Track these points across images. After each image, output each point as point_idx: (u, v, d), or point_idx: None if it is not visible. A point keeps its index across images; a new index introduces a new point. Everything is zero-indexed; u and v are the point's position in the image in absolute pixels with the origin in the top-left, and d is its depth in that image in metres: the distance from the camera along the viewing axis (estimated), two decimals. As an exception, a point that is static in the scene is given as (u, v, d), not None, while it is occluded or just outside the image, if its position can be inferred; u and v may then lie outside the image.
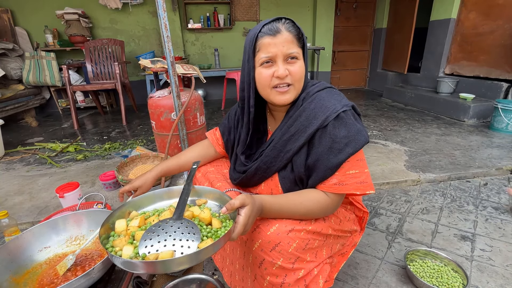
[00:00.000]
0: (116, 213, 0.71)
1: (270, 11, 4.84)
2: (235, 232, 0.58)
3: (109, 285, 0.80)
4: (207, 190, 0.80)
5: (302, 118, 0.72)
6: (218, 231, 0.64)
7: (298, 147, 0.73)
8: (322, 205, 0.71)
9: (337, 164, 0.68)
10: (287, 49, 0.69)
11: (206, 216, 0.67)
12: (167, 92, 1.79)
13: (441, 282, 1.01)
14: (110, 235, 0.66)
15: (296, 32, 0.70)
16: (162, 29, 1.44)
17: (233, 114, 0.95)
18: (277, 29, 0.68)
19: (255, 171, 0.81)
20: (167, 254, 0.56)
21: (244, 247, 0.76)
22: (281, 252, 0.66)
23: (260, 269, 0.69)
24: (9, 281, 0.76)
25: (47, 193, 1.77)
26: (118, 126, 3.38)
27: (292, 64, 0.70)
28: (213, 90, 5.08)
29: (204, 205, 0.77)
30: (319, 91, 0.75)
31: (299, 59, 0.71)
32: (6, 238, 1.15)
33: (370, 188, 0.71)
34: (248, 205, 0.60)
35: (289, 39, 0.69)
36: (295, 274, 0.69)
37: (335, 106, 0.70)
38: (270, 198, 0.68)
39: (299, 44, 0.71)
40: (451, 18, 3.48)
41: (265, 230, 0.67)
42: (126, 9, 4.31)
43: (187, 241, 0.59)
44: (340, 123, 0.68)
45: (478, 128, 2.79)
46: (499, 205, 1.54)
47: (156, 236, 0.60)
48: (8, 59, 3.70)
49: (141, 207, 0.79)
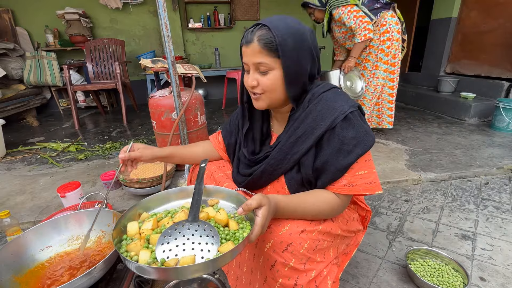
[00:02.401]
0: (127, 215, 0.70)
1: (271, 10, 4.83)
2: (253, 234, 0.57)
3: (111, 284, 0.80)
4: (218, 190, 0.78)
5: (309, 119, 0.72)
6: (236, 233, 0.62)
7: (305, 149, 0.72)
8: (333, 206, 0.71)
9: (346, 165, 0.68)
10: (254, 59, 0.69)
11: (223, 218, 0.64)
12: (168, 92, 1.79)
13: (442, 281, 1.01)
14: (122, 238, 0.64)
15: (267, 40, 0.66)
16: (162, 29, 1.44)
17: (234, 118, 0.95)
18: (249, 38, 0.68)
19: (261, 173, 0.80)
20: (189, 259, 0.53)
21: (254, 249, 0.75)
22: (293, 252, 0.66)
23: (272, 271, 0.68)
24: (12, 280, 0.76)
25: (49, 193, 1.77)
26: (119, 126, 3.38)
27: (263, 75, 0.70)
28: (214, 90, 5.08)
29: (217, 205, 0.75)
30: (324, 92, 0.73)
31: (272, 69, 0.69)
32: (8, 237, 1.16)
33: (378, 188, 0.72)
34: (265, 206, 0.59)
35: (257, 50, 0.67)
36: (307, 275, 0.68)
37: (343, 107, 0.69)
38: (284, 198, 0.67)
39: (272, 53, 0.66)
40: (452, 17, 3.47)
41: (277, 230, 0.67)
42: (126, 8, 4.31)
43: (206, 245, 0.57)
44: (348, 124, 0.68)
45: (479, 127, 2.79)
46: (500, 204, 1.54)
47: (174, 240, 0.58)
48: (9, 59, 3.71)
49: (151, 208, 0.77)
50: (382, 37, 2.21)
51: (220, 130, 1.02)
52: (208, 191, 0.78)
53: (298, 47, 0.67)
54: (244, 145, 0.87)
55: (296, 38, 0.67)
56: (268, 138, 0.87)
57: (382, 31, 2.20)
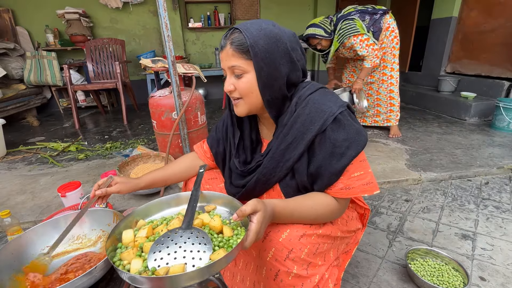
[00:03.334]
0: (123, 223, 0.69)
1: (271, 10, 4.82)
2: (248, 241, 0.56)
3: (111, 283, 0.80)
4: (216, 196, 0.77)
5: (298, 124, 0.70)
6: (230, 239, 0.61)
7: (298, 155, 0.70)
8: (332, 209, 0.70)
9: (341, 169, 0.66)
10: (228, 63, 0.68)
11: (217, 225, 0.64)
12: (168, 92, 1.79)
13: (442, 280, 1.01)
14: (117, 247, 0.64)
15: (239, 43, 0.65)
16: (162, 28, 1.44)
17: (220, 125, 0.92)
18: (223, 43, 0.68)
19: (255, 184, 0.78)
20: (178, 268, 0.52)
21: (257, 260, 0.73)
22: (294, 259, 0.65)
23: (276, 282, 0.66)
24: (12, 280, 0.76)
25: (49, 193, 1.78)
26: (119, 126, 3.38)
27: (238, 79, 0.69)
28: (214, 89, 5.08)
29: (214, 211, 0.74)
30: (311, 94, 0.71)
31: (246, 72, 0.67)
32: (9, 237, 1.16)
33: (376, 188, 0.71)
34: (260, 211, 0.58)
35: (230, 53, 0.67)
36: (311, 281, 0.67)
37: (331, 108, 0.67)
38: (281, 202, 0.66)
39: (245, 56, 0.66)
40: (452, 16, 3.46)
41: (276, 237, 0.66)
42: (126, 8, 4.31)
43: (198, 252, 0.56)
44: (338, 125, 0.66)
45: (480, 127, 2.78)
46: (500, 204, 1.54)
47: (166, 248, 0.57)
48: (9, 58, 3.71)
49: (148, 215, 0.76)
50: (390, 37, 2.35)
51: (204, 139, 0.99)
52: (206, 197, 0.77)
53: (271, 49, 0.65)
54: (236, 156, 0.84)
55: (269, 40, 0.65)
56: (258, 145, 0.85)
57: (389, 33, 2.34)
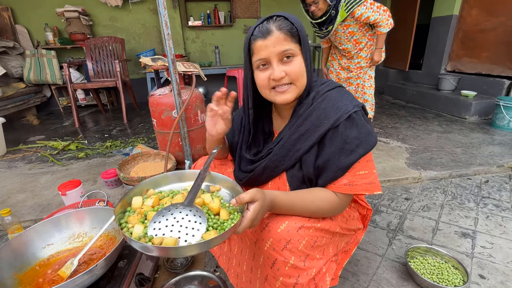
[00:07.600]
0: (135, 189, 0.73)
1: (271, 8, 4.81)
2: (240, 226, 0.58)
3: (112, 281, 0.81)
4: (222, 178, 0.79)
5: (313, 117, 0.72)
6: (224, 222, 0.64)
7: (308, 147, 0.72)
8: (332, 204, 0.71)
9: (348, 164, 0.68)
10: (280, 48, 0.68)
11: (215, 206, 0.67)
12: (168, 90, 1.79)
13: (441, 279, 1.01)
14: (126, 210, 0.68)
15: (289, 28, 0.68)
16: (162, 27, 1.44)
17: (236, 117, 0.95)
18: (267, 30, 0.67)
19: (263, 170, 0.80)
20: (171, 241, 0.56)
21: (254, 248, 0.75)
22: (292, 250, 0.66)
23: (273, 269, 0.68)
24: (13, 278, 0.77)
25: (49, 191, 1.78)
26: (119, 124, 3.38)
27: (288, 63, 0.69)
28: (214, 88, 5.07)
29: (217, 192, 0.76)
30: (329, 91, 0.74)
31: (296, 55, 0.69)
32: (9, 235, 1.16)
33: (378, 189, 0.72)
34: (258, 201, 0.60)
35: (281, 38, 0.67)
36: (308, 274, 0.68)
37: (347, 106, 0.69)
38: (281, 194, 0.68)
39: (294, 39, 0.69)
40: (453, 15, 3.45)
41: (275, 228, 0.67)
42: (126, 6, 4.30)
43: (192, 230, 0.60)
44: (351, 123, 0.68)
45: (480, 125, 2.78)
46: (500, 202, 1.54)
47: (165, 220, 0.61)
48: (9, 57, 3.70)
49: (158, 186, 0.80)
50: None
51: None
52: (213, 177, 0.80)
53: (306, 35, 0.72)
54: (247, 150, 0.87)
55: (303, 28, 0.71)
56: (270, 136, 0.87)
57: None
